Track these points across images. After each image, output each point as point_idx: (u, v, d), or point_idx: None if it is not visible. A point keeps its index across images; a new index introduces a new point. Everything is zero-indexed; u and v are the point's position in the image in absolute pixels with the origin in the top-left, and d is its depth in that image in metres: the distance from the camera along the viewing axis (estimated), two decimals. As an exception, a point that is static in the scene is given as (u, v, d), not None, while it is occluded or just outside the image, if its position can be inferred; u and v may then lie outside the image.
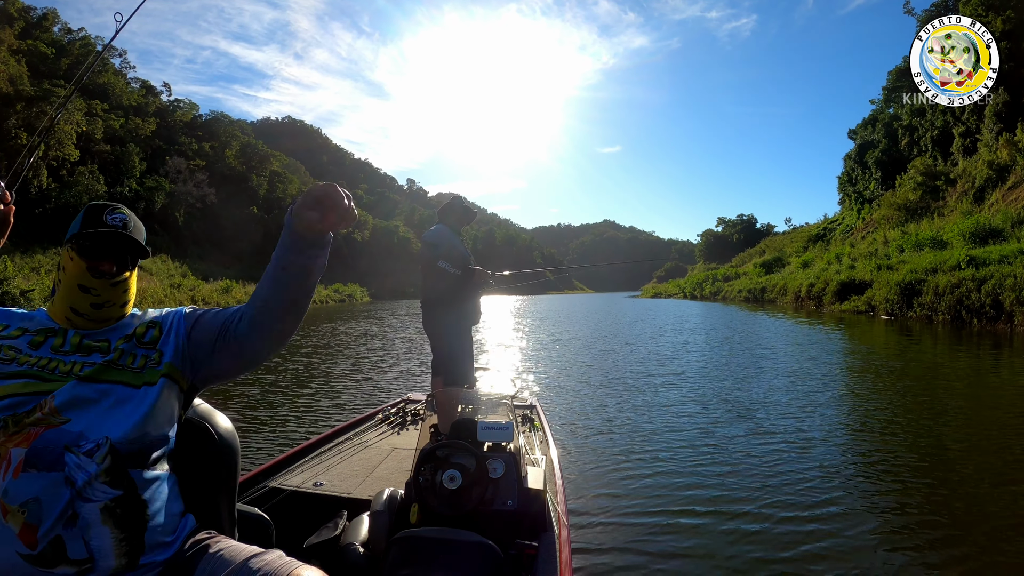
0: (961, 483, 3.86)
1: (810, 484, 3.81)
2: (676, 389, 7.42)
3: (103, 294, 1.26)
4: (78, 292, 1.25)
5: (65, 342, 1.22)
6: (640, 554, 2.85)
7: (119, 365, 1.22)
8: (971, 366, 9.26)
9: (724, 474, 4.05)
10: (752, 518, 3.26)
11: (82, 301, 1.26)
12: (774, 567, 2.73)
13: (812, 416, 5.82)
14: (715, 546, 2.94)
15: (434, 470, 2.05)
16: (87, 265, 1.25)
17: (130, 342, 1.27)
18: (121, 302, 1.31)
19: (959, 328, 15.28)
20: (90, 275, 1.25)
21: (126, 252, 1.31)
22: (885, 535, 3.09)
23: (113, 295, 1.28)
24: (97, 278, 1.25)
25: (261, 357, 1.37)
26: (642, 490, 3.74)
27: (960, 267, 18.02)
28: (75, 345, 1.22)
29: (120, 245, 1.29)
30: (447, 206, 3.82)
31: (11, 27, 37.36)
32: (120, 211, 1.31)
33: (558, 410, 6.22)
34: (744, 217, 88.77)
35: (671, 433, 5.20)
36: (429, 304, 3.67)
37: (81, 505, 1.04)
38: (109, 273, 1.27)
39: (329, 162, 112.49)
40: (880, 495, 3.70)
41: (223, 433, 1.44)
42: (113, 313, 1.30)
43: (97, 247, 1.27)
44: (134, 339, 1.28)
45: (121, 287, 1.29)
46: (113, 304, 1.29)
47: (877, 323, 18.06)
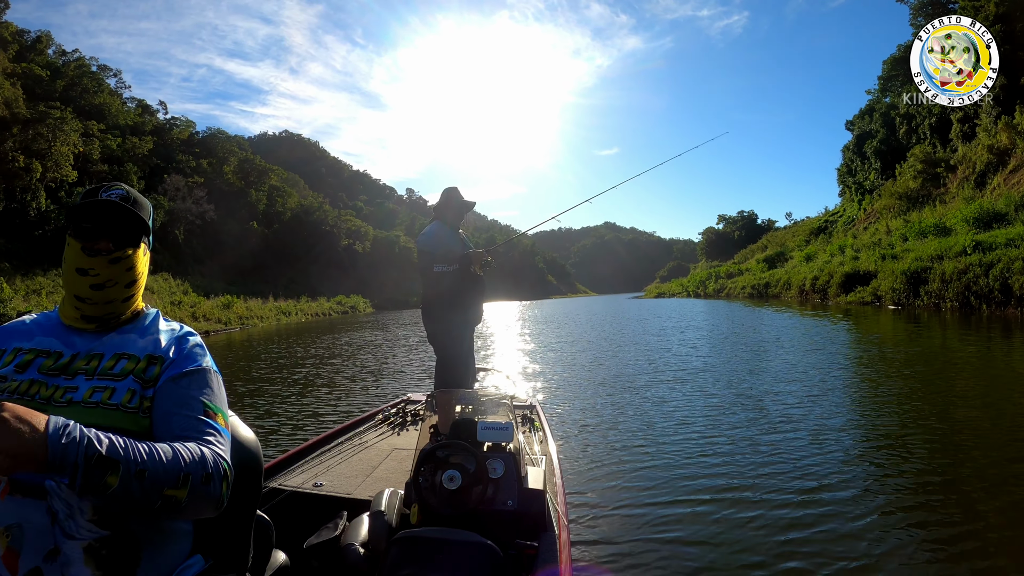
0: (978, 470, 3.79)
1: (818, 480, 3.76)
2: (678, 386, 7.39)
3: (102, 272, 1.17)
4: (76, 277, 1.18)
5: (55, 362, 1.14)
6: (640, 554, 2.83)
7: (92, 404, 1.09)
8: (982, 352, 9.17)
9: (725, 474, 3.99)
10: (753, 518, 3.21)
11: (82, 285, 1.18)
12: (774, 567, 2.68)
13: (820, 406, 5.77)
14: (716, 545, 2.90)
15: (434, 470, 2.06)
16: (82, 245, 1.17)
17: (124, 370, 1.14)
18: (125, 281, 1.21)
19: (968, 315, 15.18)
20: (85, 255, 1.17)
21: (123, 226, 1.20)
22: (896, 524, 3.04)
23: (114, 273, 1.19)
24: (93, 256, 1.17)
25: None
26: (642, 490, 3.70)
27: (966, 252, 17.85)
28: (62, 367, 1.14)
29: (114, 218, 1.19)
30: (443, 202, 3.71)
31: (5, 51, 37.66)
32: (118, 187, 1.22)
33: (558, 410, 6.19)
34: (745, 213, 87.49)
35: (672, 432, 5.15)
36: (430, 308, 3.62)
37: (64, 540, 0.97)
38: (106, 250, 1.18)
39: (327, 174, 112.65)
40: (892, 480, 3.66)
41: (246, 453, 1.33)
42: (118, 295, 1.20)
43: (91, 223, 1.18)
44: (132, 374, 1.15)
45: (123, 264, 1.20)
46: (116, 283, 1.19)
47: (884, 313, 17.96)
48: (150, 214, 1.26)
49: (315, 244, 63.27)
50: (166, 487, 0.95)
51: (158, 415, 1.12)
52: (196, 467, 1.00)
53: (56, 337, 1.19)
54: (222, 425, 1.14)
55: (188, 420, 1.10)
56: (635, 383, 7.66)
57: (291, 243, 60.75)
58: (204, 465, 1.02)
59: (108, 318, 1.21)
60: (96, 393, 1.10)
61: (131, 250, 1.21)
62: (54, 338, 1.19)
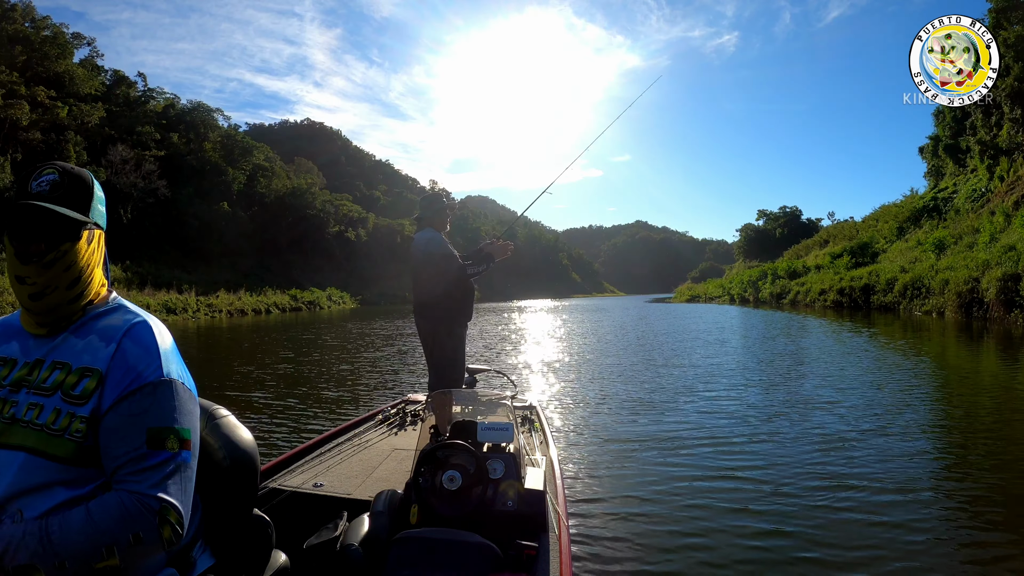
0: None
1: (818, 481, 3.79)
2: (680, 384, 7.40)
3: (38, 280, 1.05)
4: (16, 285, 1.07)
5: (10, 372, 1.06)
6: (640, 554, 2.84)
7: (25, 422, 1.01)
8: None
9: (727, 472, 4.03)
10: (754, 518, 3.24)
11: (21, 294, 1.07)
12: (775, 567, 2.71)
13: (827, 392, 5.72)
14: (716, 545, 2.93)
15: (434, 471, 2.06)
16: (15, 250, 1.05)
17: (55, 383, 1.04)
18: (66, 283, 1.07)
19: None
20: (19, 262, 1.05)
21: (53, 223, 1.05)
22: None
23: (51, 278, 1.05)
24: (27, 264, 1.05)
25: None
26: (642, 490, 3.73)
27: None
28: (16, 380, 1.06)
29: (41, 218, 1.04)
30: (437, 209, 3.69)
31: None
32: (48, 172, 1.07)
33: (557, 410, 6.21)
34: (788, 209, 75.60)
35: (672, 432, 5.17)
36: (431, 308, 3.64)
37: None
38: (38, 253, 1.04)
39: (348, 163, 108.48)
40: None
41: (242, 454, 1.29)
42: (60, 298, 1.07)
43: (17, 226, 1.05)
44: (60, 388, 1.03)
45: (60, 266, 1.06)
46: (55, 287, 1.06)
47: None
48: (91, 193, 1.12)
49: (298, 230, 57.44)
50: (94, 563, 0.92)
51: (103, 450, 1.03)
52: (120, 532, 0.95)
53: (18, 341, 1.11)
54: (173, 447, 1.04)
55: (126, 457, 1.01)
56: (634, 383, 7.69)
57: (270, 228, 54.88)
58: (130, 525, 0.95)
59: (58, 321, 1.10)
60: (29, 411, 1.02)
61: (68, 244, 1.07)
62: (16, 342, 1.11)
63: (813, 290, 29.84)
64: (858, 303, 23.51)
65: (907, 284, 21.11)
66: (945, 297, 17.93)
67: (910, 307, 20.54)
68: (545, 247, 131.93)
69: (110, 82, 51.14)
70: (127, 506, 0.96)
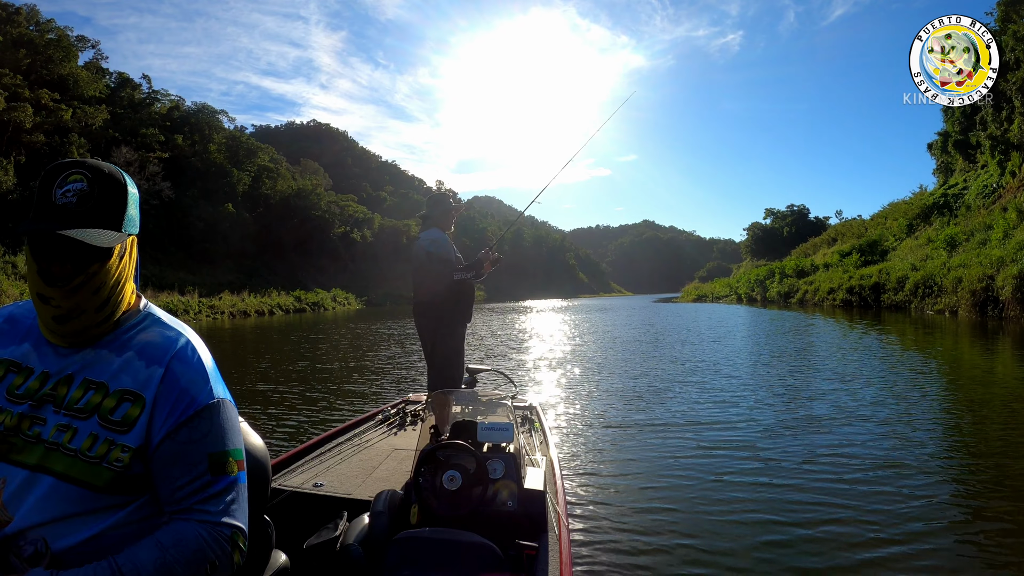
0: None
1: (818, 480, 3.77)
2: (681, 383, 7.37)
3: (63, 304, 0.95)
4: (39, 303, 0.97)
5: (25, 381, 0.97)
6: (640, 554, 2.84)
7: (53, 444, 0.93)
8: None
9: (728, 473, 4.01)
10: (754, 518, 3.22)
11: (45, 314, 0.97)
12: (776, 567, 2.70)
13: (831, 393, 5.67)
14: (716, 546, 2.91)
15: (434, 471, 2.07)
16: (38, 268, 0.95)
17: (90, 404, 0.95)
18: (96, 305, 0.97)
19: None
20: (43, 281, 0.95)
21: (81, 246, 0.94)
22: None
23: (79, 302, 0.96)
24: (51, 285, 0.95)
25: None
26: (642, 490, 3.72)
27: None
28: (31, 391, 0.97)
29: (68, 240, 0.93)
30: (445, 210, 3.72)
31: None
32: (75, 178, 0.94)
33: (557, 410, 6.20)
34: (795, 208, 75.64)
35: (672, 433, 5.16)
36: (432, 309, 3.65)
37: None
38: (64, 276, 0.94)
39: (354, 164, 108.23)
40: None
41: (254, 461, 1.26)
42: (89, 321, 0.98)
43: (40, 245, 0.94)
44: (96, 412, 0.95)
45: (88, 289, 0.96)
46: (84, 311, 0.97)
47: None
48: (126, 199, 1.00)
49: (303, 231, 57.22)
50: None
51: (158, 478, 0.98)
52: (197, 563, 0.93)
53: (30, 343, 1.01)
54: (232, 470, 1.01)
55: (191, 487, 0.97)
56: (635, 383, 7.67)
57: (275, 229, 54.80)
58: (206, 555, 0.94)
59: (87, 340, 1.01)
60: (59, 432, 0.94)
61: (97, 266, 0.96)
62: (29, 345, 1.01)
63: (822, 289, 29.25)
64: (868, 302, 22.93)
65: (918, 282, 20.61)
66: (958, 295, 17.43)
67: (922, 306, 20.00)
68: (552, 247, 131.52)
69: (114, 84, 51.80)
70: (204, 537, 0.95)
